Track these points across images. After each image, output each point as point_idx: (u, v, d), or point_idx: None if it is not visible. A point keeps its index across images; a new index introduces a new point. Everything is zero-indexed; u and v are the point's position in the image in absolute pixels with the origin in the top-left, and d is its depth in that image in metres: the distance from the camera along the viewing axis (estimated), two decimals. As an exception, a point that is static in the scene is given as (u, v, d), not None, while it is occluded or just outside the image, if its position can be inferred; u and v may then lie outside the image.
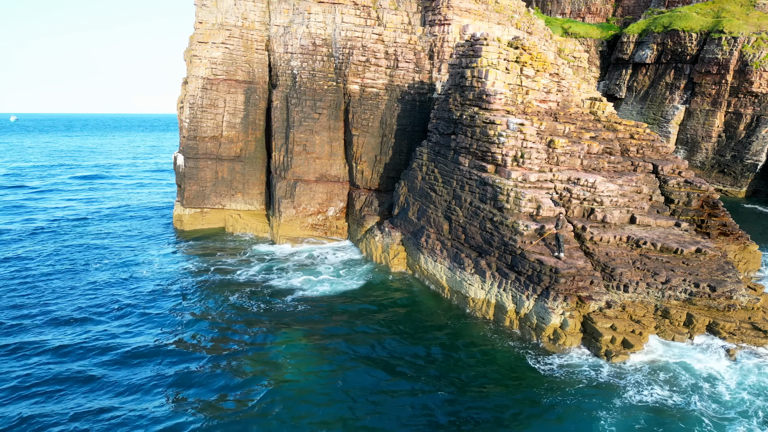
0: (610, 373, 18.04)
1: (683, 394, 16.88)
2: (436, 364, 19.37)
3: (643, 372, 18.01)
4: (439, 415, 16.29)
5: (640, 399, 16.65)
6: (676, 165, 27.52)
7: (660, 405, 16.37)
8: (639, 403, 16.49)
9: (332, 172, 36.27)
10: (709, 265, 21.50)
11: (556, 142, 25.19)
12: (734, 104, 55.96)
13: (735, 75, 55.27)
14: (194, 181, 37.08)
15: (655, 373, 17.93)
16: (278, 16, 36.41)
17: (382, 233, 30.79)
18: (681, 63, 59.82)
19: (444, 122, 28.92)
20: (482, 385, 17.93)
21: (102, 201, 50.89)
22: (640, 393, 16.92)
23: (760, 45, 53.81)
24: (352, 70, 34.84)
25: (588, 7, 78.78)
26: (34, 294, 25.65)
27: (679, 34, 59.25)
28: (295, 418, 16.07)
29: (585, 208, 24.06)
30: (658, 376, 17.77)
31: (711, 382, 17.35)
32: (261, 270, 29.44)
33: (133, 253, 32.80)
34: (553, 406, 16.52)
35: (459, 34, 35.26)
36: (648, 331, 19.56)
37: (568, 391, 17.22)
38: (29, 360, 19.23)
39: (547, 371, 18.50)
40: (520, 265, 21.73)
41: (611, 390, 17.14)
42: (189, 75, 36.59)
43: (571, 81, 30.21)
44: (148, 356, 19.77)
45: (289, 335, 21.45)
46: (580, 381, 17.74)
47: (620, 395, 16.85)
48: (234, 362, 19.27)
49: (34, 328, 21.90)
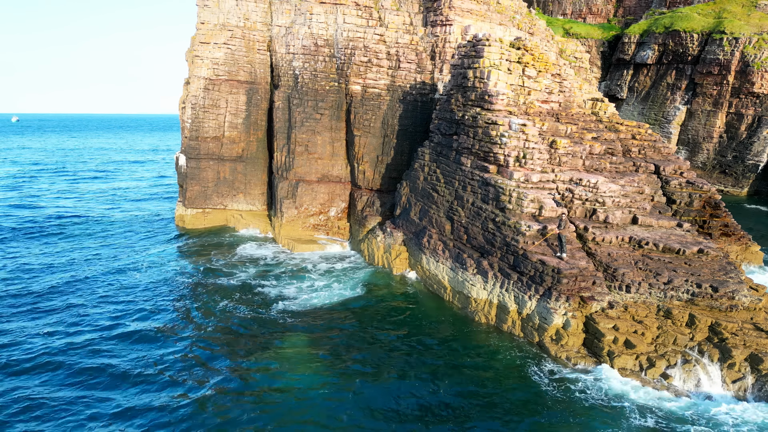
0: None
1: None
2: (437, 364, 19.39)
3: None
4: (439, 417, 16.32)
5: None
6: (677, 165, 27.53)
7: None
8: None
9: (334, 172, 36.31)
10: (711, 266, 21.51)
11: (558, 142, 25.22)
12: (735, 105, 55.98)
13: (736, 76, 55.30)
14: (196, 181, 37.15)
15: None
16: (280, 16, 36.47)
17: (384, 234, 30.82)
18: (682, 63, 59.85)
19: (446, 123, 28.95)
20: (488, 394, 17.83)
21: (103, 201, 50.94)
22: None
23: (762, 45, 53.82)
24: (353, 71, 34.88)
25: (589, 8, 78.82)
26: (30, 291, 25.70)
27: (681, 35, 59.28)
28: (299, 422, 16.08)
29: (587, 209, 24.07)
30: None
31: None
32: (262, 270, 29.47)
33: (134, 253, 32.83)
34: (559, 414, 16.54)
35: (461, 35, 35.30)
36: (650, 332, 19.55)
37: (571, 398, 17.25)
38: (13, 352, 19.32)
39: (549, 372, 18.53)
40: (523, 265, 21.75)
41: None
42: (191, 75, 36.67)
43: (573, 81, 30.24)
44: (139, 356, 19.79)
45: (289, 338, 21.41)
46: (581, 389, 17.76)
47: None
48: (234, 363, 19.29)
49: (26, 322, 21.99)
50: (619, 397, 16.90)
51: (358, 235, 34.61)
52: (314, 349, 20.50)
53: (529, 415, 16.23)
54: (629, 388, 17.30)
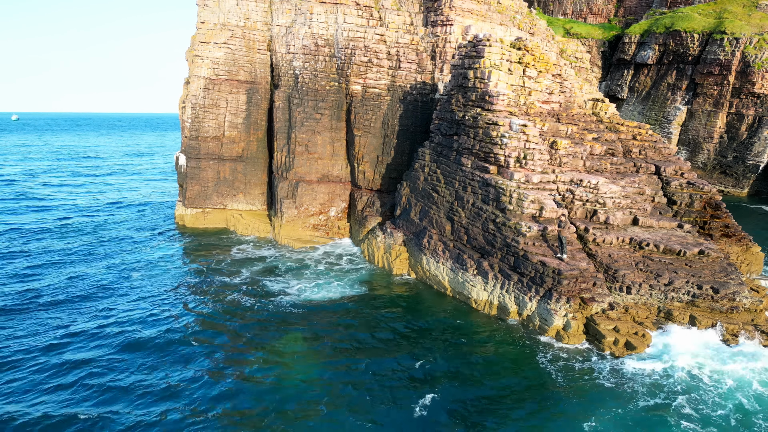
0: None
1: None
2: (436, 361, 19.35)
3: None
4: (440, 417, 16.29)
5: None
6: (678, 166, 27.48)
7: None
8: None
9: (334, 172, 36.25)
10: (712, 267, 21.48)
11: (558, 143, 25.17)
12: (736, 105, 55.92)
13: (737, 76, 55.24)
14: (196, 181, 37.08)
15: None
16: (280, 16, 36.40)
17: (384, 234, 30.77)
18: (683, 64, 59.78)
19: (446, 123, 28.90)
20: (490, 395, 17.85)
21: (104, 201, 50.86)
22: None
23: (762, 46, 53.76)
24: (354, 71, 34.82)
25: (590, 8, 78.72)
26: (30, 289, 25.67)
27: (681, 35, 59.20)
28: (301, 418, 16.06)
29: (588, 210, 24.03)
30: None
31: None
32: (262, 270, 29.41)
33: (135, 253, 32.76)
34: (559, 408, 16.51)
35: (461, 35, 35.22)
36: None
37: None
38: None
39: (550, 374, 18.49)
40: (523, 266, 21.71)
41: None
42: (191, 75, 36.59)
43: (574, 82, 30.18)
44: (143, 356, 19.77)
45: (288, 337, 21.40)
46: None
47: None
48: (234, 364, 19.26)
49: (27, 320, 22.04)
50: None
51: (358, 236, 34.56)
52: (315, 347, 20.48)
53: (534, 404, 16.23)
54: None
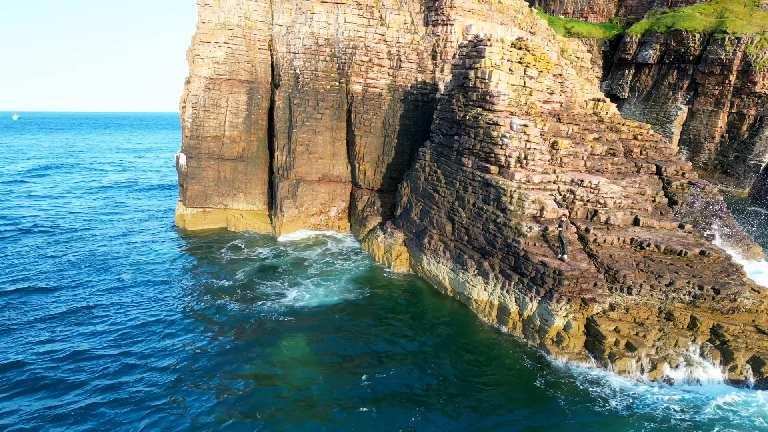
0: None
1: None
2: (436, 361, 19.34)
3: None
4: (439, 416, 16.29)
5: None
6: (679, 166, 27.44)
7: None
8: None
9: (335, 172, 36.24)
10: (713, 268, 21.43)
11: (559, 143, 25.13)
12: (737, 105, 55.79)
13: (738, 75, 55.10)
14: (197, 180, 37.07)
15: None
16: (281, 15, 36.37)
17: (385, 234, 30.75)
18: (684, 63, 59.65)
19: (447, 123, 28.86)
20: (492, 401, 17.81)
21: (105, 200, 50.88)
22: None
23: (764, 45, 53.64)
24: (354, 70, 34.79)
25: (591, 7, 78.58)
26: (30, 288, 25.68)
27: (682, 35, 59.08)
28: (297, 423, 16.05)
29: (588, 210, 23.99)
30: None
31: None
32: (262, 270, 29.40)
33: (134, 252, 32.77)
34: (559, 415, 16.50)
35: (462, 35, 35.18)
36: (652, 335, 19.50)
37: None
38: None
39: (550, 373, 18.47)
40: (524, 266, 21.68)
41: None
42: (191, 74, 36.57)
43: (575, 82, 30.13)
44: (141, 357, 19.77)
45: (288, 339, 21.36)
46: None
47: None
48: (233, 364, 19.25)
49: (24, 320, 22.01)
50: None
51: (358, 235, 34.55)
52: (314, 347, 20.46)
53: (529, 414, 16.23)
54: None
